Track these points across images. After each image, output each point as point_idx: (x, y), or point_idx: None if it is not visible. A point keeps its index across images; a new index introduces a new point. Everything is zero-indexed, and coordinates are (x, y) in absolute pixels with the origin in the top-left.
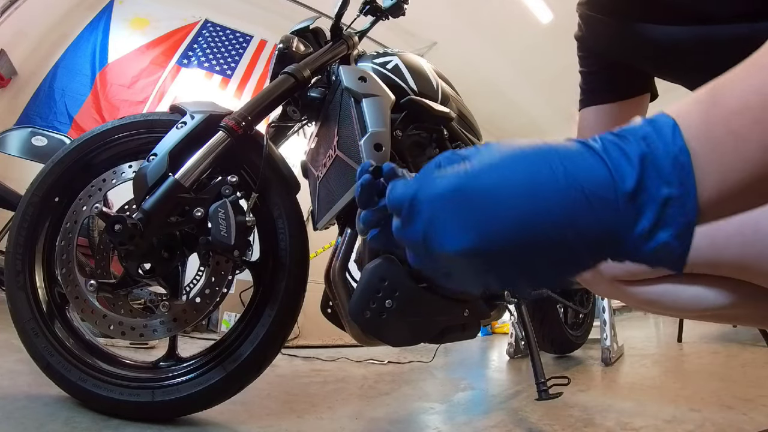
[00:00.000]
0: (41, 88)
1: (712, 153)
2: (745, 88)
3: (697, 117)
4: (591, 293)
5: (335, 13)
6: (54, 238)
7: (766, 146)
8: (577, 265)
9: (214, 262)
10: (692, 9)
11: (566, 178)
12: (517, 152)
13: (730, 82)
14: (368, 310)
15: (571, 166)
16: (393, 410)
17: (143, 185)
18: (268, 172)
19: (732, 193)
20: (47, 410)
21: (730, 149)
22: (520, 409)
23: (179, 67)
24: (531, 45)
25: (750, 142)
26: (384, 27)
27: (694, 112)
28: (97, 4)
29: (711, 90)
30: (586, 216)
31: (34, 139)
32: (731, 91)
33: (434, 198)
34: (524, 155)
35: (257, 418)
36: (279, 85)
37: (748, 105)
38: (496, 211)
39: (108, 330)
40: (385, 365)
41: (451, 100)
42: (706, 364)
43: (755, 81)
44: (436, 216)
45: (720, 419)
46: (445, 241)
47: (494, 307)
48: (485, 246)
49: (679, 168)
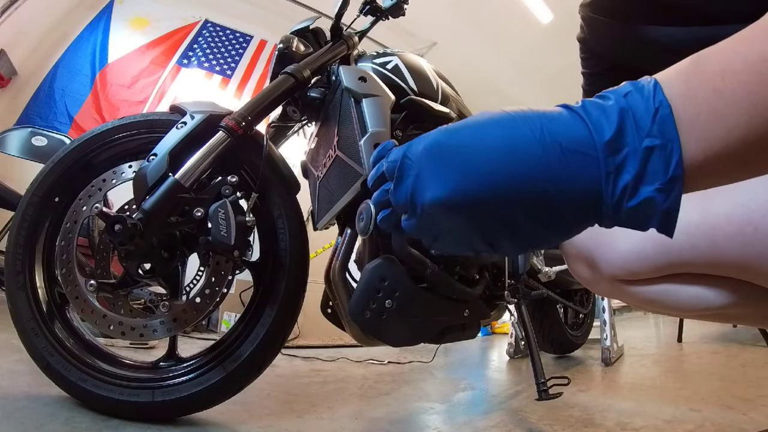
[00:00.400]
0: (41, 88)
1: (696, 112)
2: (730, 54)
3: (682, 77)
4: (591, 293)
5: (335, 13)
6: (54, 238)
7: (752, 108)
8: (560, 224)
9: (214, 262)
10: (694, 10)
11: (543, 134)
12: (499, 113)
13: (716, 48)
14: (368, 310)
15: (548, 124)
16: (393, 410)
17: (143, 185)
18: (268, 172)
19: (719, 157)
20: (47, 410)
21: (715, 109)
22: (520, 409)
23: (179, 67)
24: (531, 45)
25: (735, 103)
26: (384, 27)
27: (679, 73)
28: (97, 4)
29: (695, 56)
30: (566, 171)
31: (34, 139)
32: (715, 57)
33: (418, 154)
34: (504, 116)
35: (257, 418)
36: (279, 85)
37: (734, 69)
38: (473, 163)
39: (108, 330)
40: (385, 365)
41: (451, 100)
42: (706, 364)
43: (740, 48)
44: (421, 171)
45: (720, 419)
46: (425, 193)
47: (494, 307)
48: (462, 196)
49: (659, 121)
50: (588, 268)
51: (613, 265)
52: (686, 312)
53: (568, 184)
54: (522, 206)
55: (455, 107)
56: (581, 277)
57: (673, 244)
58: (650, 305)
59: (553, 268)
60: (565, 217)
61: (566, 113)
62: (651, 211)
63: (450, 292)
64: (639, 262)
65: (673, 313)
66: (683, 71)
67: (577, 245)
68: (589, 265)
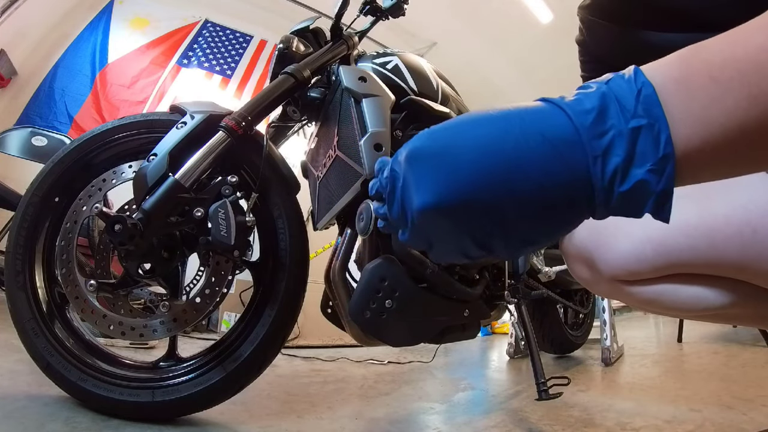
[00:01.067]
0: (41, 88)
1: (690, 97)
2: (728, 44)
3: (676, 64)
4: (591, 293)
5: (335, 13)
6: (54, 238)
7: (751, 98)
8: (552, 218)
9: (214, 262)
10: (693, 16)
11: (524, 126)
12: (476, 112)
13: (713, 40)
14: (368, 310)
15: (529, 118)
16: (393, 410)
17: (143, 185)
18: (268, 172)
19: (717, 144)
20: (47, 410)
21: (711, 96)
22: (520, 409)
23: (179, 67)
24: (531, 45)
25: (732, 91)
26: (384, 27)
27: (673, 60)
28: (97, 4)
29: (692, 46)
30: (552, 160)
31: (34, 139)
32: (713, 46)
33: (402, 163)
34: (483, 114)
35: (257, 418)
36: (279, 85)
37: (732, 57)
38: (455, 164)
39: (108, 330)
40: (385, 365)
41: (451, 100)
42: (706, 364)
43: (740, 39)
44: (405, 180)
45: (720, 419)
46: (412, 201)
47: (494, 307)
48: (447, 200)
49: (644, 101)
50: (587, 268)
51: (612, 265)
52: (686, 312)
53: (555, 175)
54: (510, 203)
55: (455, 107)
56: (581, 278)
57: (672, 245)
58: (649, 305)
59: (553, 268)
60: (556, 210)
61: (546, 105)
62: (645, 194)
63: (450, 292)
64: (638, 263)
65: (673, 313)
66: (678, 58)
67: (577, 245)
68: (588, 265)
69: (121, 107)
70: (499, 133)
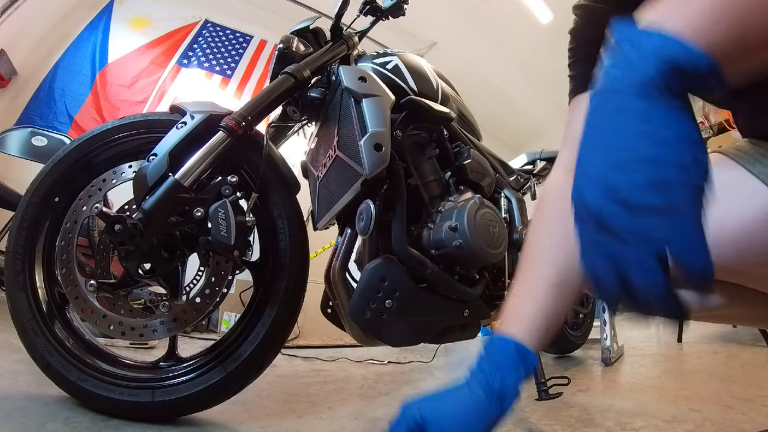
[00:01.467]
0: (41, 88)
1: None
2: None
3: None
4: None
5: (335, 13)
6: (54, 238)
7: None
8: None
9: (214, 262)
10: None
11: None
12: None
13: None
14: (368, 310)
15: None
16: (393, 410)
17: (143, 185)
18: (268, 172)
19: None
20: (47, 410)
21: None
22: (520, 409)
23: (179, 67)
24: (531, 45)
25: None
26: (384, 27)
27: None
28: (97, 4)
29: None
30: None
31: (34, 139)
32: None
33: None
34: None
35: (257, 418)
36: (279, 85)
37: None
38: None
39: (108, 330)
40: (385, 365)
41: (451, 100)
42: (706, 364)
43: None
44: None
45: (720, 419)
46: None
47: (494, 307)
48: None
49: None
50: None
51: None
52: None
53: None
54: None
55: (455, 107)
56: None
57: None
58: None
59: None
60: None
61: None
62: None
63: (450, 292)
64: None
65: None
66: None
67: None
68: None
69: (121, 107)
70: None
